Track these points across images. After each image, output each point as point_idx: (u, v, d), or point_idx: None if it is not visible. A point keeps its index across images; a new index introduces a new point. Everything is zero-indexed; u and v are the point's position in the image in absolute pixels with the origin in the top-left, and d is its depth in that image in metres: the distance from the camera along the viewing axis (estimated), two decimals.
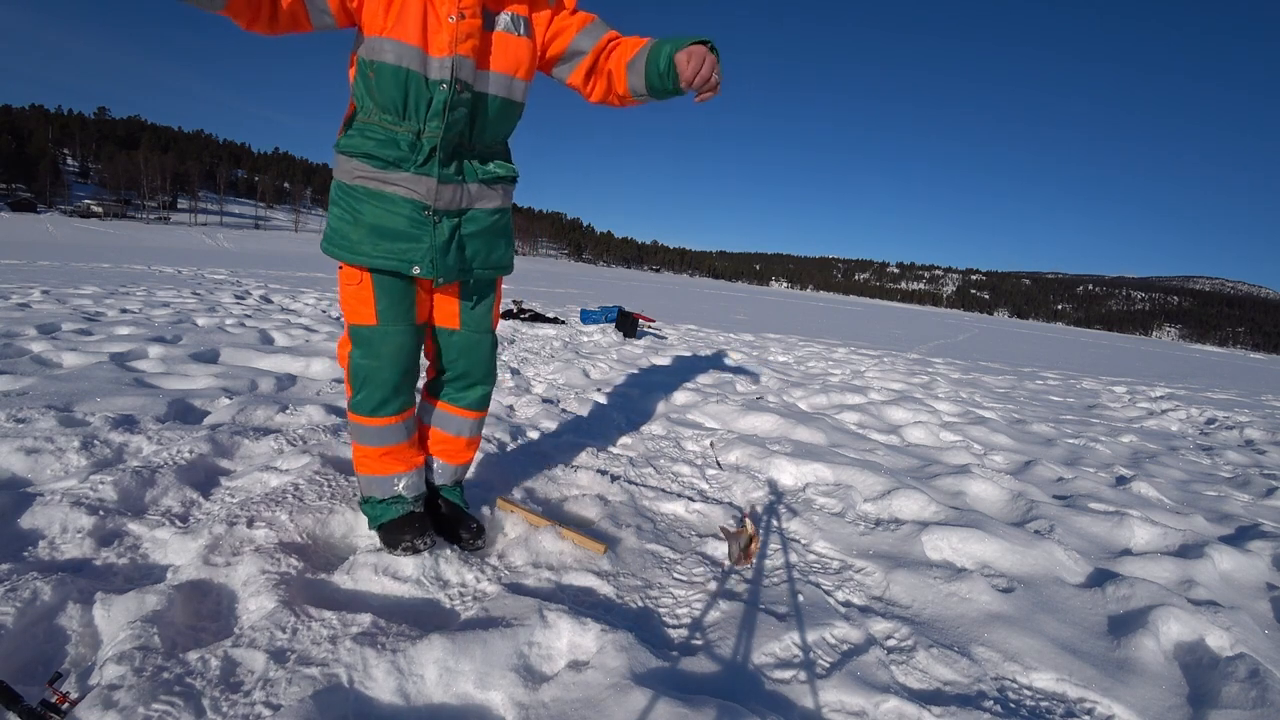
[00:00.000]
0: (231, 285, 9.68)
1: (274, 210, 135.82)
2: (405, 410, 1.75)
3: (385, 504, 1.75)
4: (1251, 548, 2.48)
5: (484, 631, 1.36)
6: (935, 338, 19.01)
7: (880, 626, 1.70)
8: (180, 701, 1.10)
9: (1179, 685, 1.58)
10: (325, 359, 3.96)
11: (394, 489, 1.75)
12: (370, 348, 1.64)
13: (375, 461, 1.74)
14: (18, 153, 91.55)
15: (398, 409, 1.71)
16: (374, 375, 1.65)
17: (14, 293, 6.08)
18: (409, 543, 1.66)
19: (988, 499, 2.85)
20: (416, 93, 1.48)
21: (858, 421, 4.25)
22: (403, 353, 1.66)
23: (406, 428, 1.76)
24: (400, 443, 1.74)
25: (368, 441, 1.72)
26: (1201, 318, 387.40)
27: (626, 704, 1.18)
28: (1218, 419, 6.78)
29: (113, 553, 1.59)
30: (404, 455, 1.76)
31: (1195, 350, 59.67)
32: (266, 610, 1.37)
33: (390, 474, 1.75)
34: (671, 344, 7.65)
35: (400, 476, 1.76)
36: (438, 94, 1.48)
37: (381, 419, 1.69)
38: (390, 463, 1.74)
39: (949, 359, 11.32)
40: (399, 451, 1.75)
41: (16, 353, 3.41)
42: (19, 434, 2.13)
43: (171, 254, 18.64)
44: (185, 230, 57.72)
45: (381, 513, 1.75)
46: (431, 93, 1.48)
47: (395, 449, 1.74)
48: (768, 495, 2.55)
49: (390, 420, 1.71)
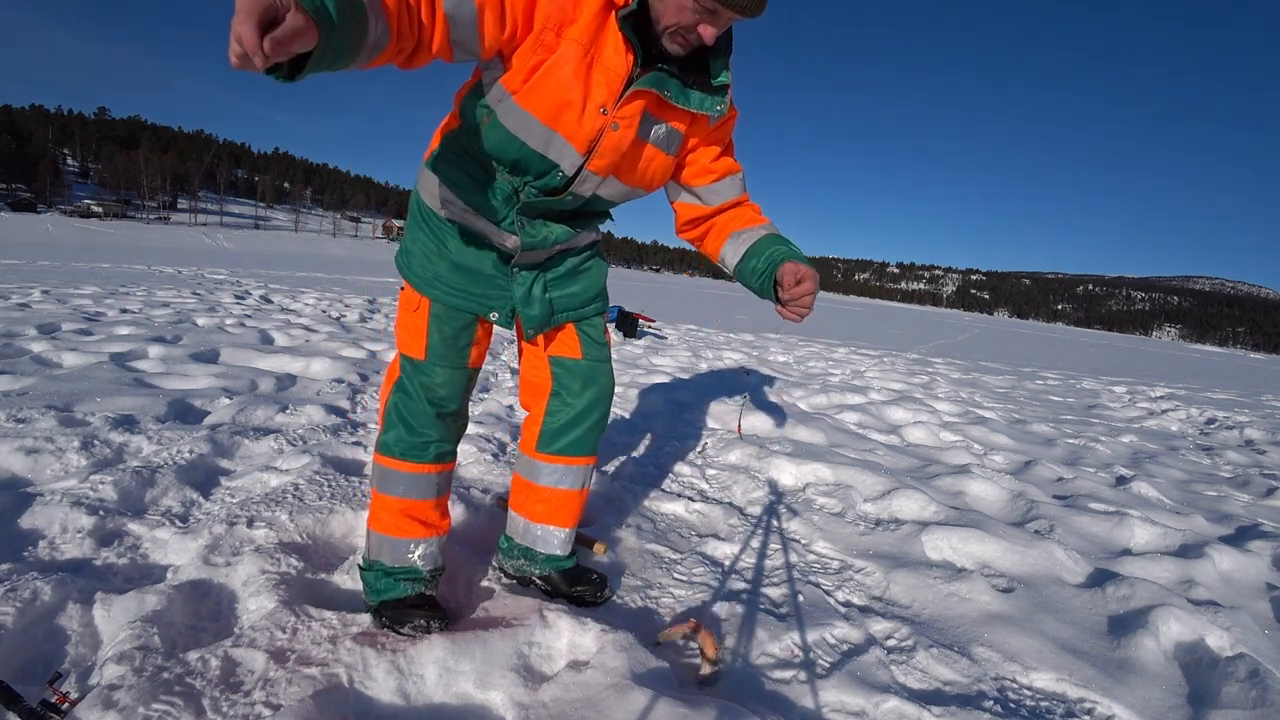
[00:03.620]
0: (231, 285, 9.68)
1: (274, 210, 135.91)
2: (440, 462, 1.52)
3: (393, 577, 1.46)
4: (1251, 548, 2.48)
5: (484, 631, 1.36)
6: (935, 338, 19.01)
7: (880, 626, 1.70)
8: (180, 701, 1.10)
9: (1179, 685, 1.58)
10: (325, 359, 3.97)
11: (408, 557, 1.48)
12: (413, 383, 1.47)
13: (392, 518, 1.48)
14: (18, 153, 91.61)
15: (432, 458, 1.49)
16: (411, 415, 1.47)
17: (14, 293, 6.08)
18: (420, 622, 1.39)
19: (988, 499, 2.85)
20: (527, 161, 1.30)
21: (858, 421, 4.25)
22: (448, 396, 1.48)
23: (437, 484, 1.52)
24: (427, 499, 1.50)
25: (389, 489, 1.48)
26: (1201, 318, 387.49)
27: (626, 704, 1.18)
28: (1218, 419, 6.78)
29: (113, 553, 1.60)
30: (428, 517, 1.51)
31: (1195, 350, 59.67)
32: (266, 610, 1.37)
33: (407, 537, 1.48)
34: (671, 344, 7.65)
35: (418, 543, 1.49)
36: (551, 176, 1.31)
37: (410, 464, 1.47)
38: (409, 524, 1.48)
39: (949, 359, 11.32)
40: (423, 510, 1.50)
41: (16, 353, 3.41)
42: (19, 434, 2.13)
43: (171, 254, 18.65)
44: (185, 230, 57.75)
45: (387, 588, 1.45)
46: (545, 169, 1.30)
47: (419, 506, 1.49)
48: (768, 495, 2.55)
49: (420, 468, 1.48)
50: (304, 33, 0.82)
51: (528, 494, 1.65)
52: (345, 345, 4.59)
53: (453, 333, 1.46)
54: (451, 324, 1.45)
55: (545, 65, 1.19)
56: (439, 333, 1.45)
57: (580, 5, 1.17)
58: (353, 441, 2.56)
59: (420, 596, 1.46)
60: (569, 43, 1.18)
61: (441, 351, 1.46)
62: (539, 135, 1.25)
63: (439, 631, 1.38)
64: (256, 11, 0.77)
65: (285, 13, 0.80)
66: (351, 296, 9.18)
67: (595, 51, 1.20)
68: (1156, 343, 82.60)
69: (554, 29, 1.17)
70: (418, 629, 1.38)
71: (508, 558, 1.69)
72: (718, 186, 1.48)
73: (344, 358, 4.16)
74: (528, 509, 1.65)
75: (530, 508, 1.65)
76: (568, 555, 1.67)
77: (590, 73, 1.21)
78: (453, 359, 1.47)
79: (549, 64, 1.19)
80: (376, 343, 4.97)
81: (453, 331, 1.45)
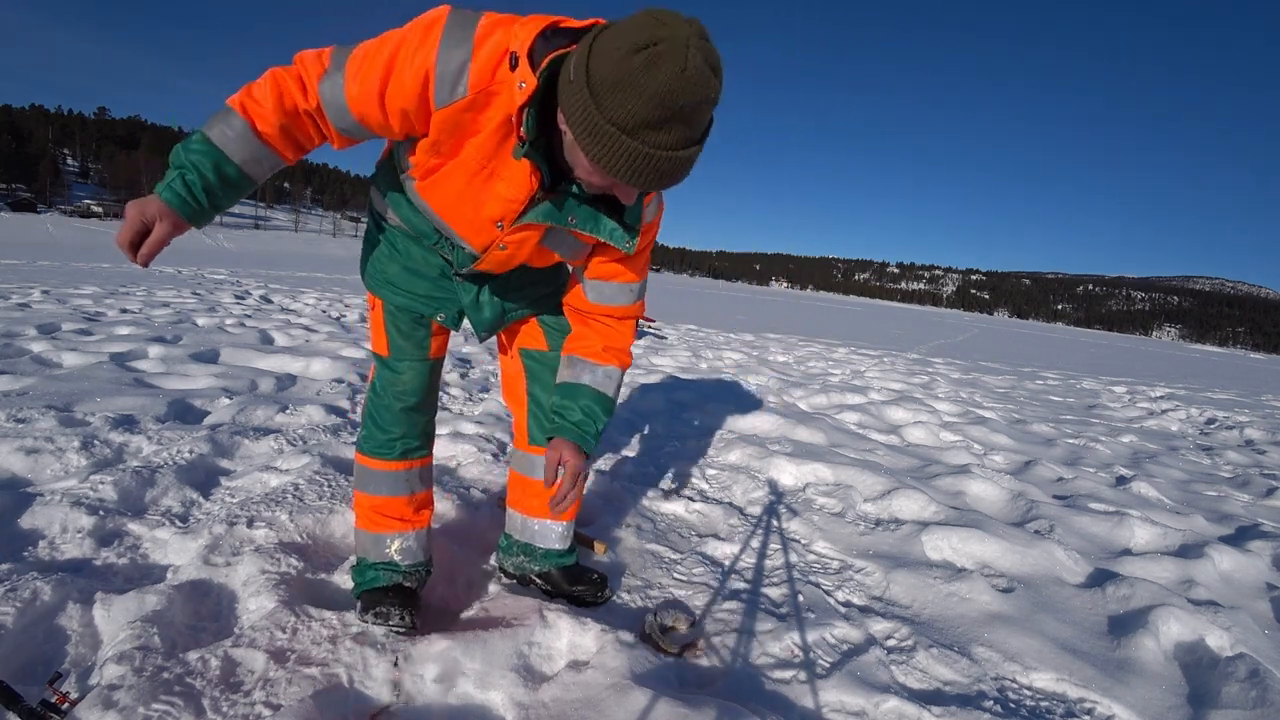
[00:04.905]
0: (231, 285, 9.68)
1: (274, 210, 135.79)
2: (410, 459, 1.53)
3: (375, 569, 1.48)
4: (1251, 548, 2.48)
5: (484, 631, 1.36)
6: (935, 338, 19.01)
7: (880, 626, 1.70)
8: (180, 701, 1.10)
9: (1179, 685, 1.58)
10: (325, 359, 3.97)
11: (385, 551, 1.48)
12: (380, 380, 1.50)
13: (366, 514, 1.51)
14: (18, 153, 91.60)
15: (398, 454, 1.50)
16: (378, 412, 1.50)
17: (14, 293, 6.08)
18: (383, 610, 1.37)
19: (988, 499, 2.85)
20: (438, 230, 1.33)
21: (858, 421, 4.25)
22: (411, 389, 1.49)
23: (408, 480, 1.52)
24: (398, 495, 1.51)
25: (363, 487, 1.52)
26: (1201, 318, 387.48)
27: (626, 704, 1.18)
28: (1218, 419, 6.78)
29: (113, 553, 1.59)
30: (401, 513, 1.51)
31: (1195, 350, 59.66)
32: (266, 610, 1.37)
33: (382, 531, 1.50)
34: (671, 344, 7.65)
35: (393, 537, 1.49)
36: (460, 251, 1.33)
37: (380, 461, 1.50)
38: (382, 519, 1.50)
39: (949, 359, 11.32)
40: (395, 506, 1.51)
41: (16, 353, 3.41)
42: (19, 434, 2.13)
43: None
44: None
45: (370, 579, 1.47)
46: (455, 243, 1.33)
47: (391, 503, 1.50)
48: (768, 495, 2.55)
49: (388, 465, 1.50)
50: (175, 232, 1.05)
51: (523, 489, 1.65)
52: (345, 345, 4.59)
53: (408, 329, 1.47)
54: (405, 321, 1.47)
55: (443, 169, 1.16)
56: (396, 329, 1.47)
57: (481, 119, 1.08)
58: (352, 441, 2.56)
59: (397, 588, 1.45)
60: (471, 150, 1.12)
61: (401, 346, 1.47)
62: (439, 222, 1.27)
63: (400, 621, 1.37)
64: (126, 240, 1.03)
65: (153, 223, 1.03)
66: (351, 296, 9.18)
67: (496, 165, 1.13)
68: (1156, 343, 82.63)
69: (453, 138, 1.11)
70: (379, 616, 1.37)
71: (507, 555, 1.69)
72: (603, 286, 1.40)
73: (344, 358, 4.16)
74: (524, 504, 1.66)
75: (527, 503, 1.65)
76: (567, 550, 1.66)
77: (489, 184, 1.16)
78: (413, 352, 1.48)
79: (446, 169, 1.16)
80: None
81: (408, 328, 1.47)
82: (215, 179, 1.10)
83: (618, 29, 0.92)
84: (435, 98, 1.05)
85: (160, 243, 1.04)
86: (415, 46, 1.04)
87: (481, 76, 1.03)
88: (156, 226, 1.04)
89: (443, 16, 1.05)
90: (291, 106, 1.13)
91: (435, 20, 1.05)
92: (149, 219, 1.03)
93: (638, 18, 0.91)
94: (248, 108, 1.11)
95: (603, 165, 0.97)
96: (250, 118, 1.11)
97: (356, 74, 1.09)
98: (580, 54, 0.94)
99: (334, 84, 1.11)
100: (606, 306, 1.42)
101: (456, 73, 1.03)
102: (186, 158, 1.09)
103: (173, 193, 1.06)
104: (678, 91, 0.88)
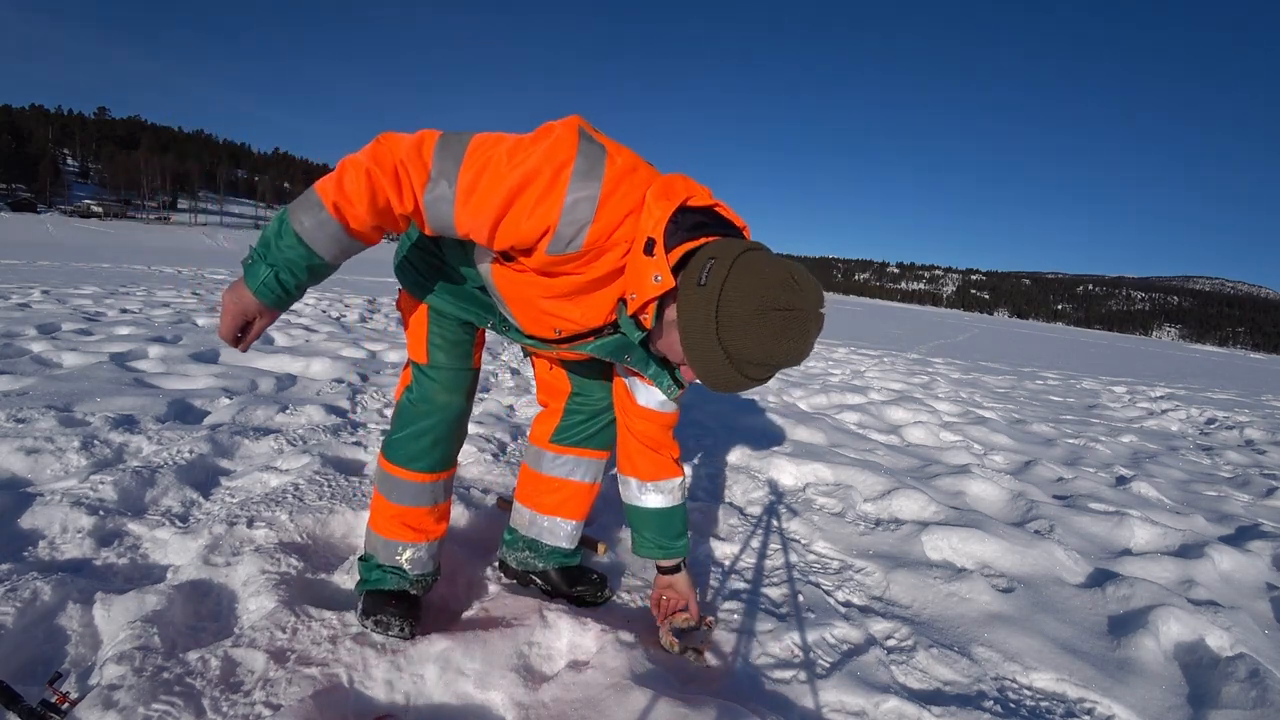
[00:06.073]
0: None
1: (274, 210, 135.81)
2: (438, 470, 1.48)
3: (382, 570, 1.46)
4: (1251, 548, 2.48)
5: (484, 631, 1.36)
6: (935, 338, 19.01)
7: (880, 626, 1.70)
8: (180, 701, 1.10)
9: (1179, 685, 1.58)
10: (325, 359, 3.97)
11: (396, 557, 1.46)
12: (419, 389, 1.44)
13: (387, 521, 1.46)
14: (18, 153, 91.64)
15: (428, 466, 1.45)
16: (413, 421, 1.43)
17: (14, 293, 6.08)
18: (383, 618, 1.35)
19: (988, 499, 2.85)
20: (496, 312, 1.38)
21: (858, 421, 4.25)
22: (451, 400, 1.44)
23: (433, 492, 1.48)
24: (421, 506, 1.47)
25: (386, 494, 1.47)
26: (1201, 318, 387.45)
27: (626, 704, 1.18)
28: (1218, 419, 6.78)
29: (113, 553, 1.59)
30: (422, 524, 1.48)
31: (1195, 350, 59.66)
32: (266, 610, 1.37)
33: (399, 540, 1.46)
34: None
35: (408, 546, 1.46)
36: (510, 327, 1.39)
37: (409, 472, 1.45)
38: (402, 529, 1.46)
39: (949, 359, 11.32)
40: (417, 517, 1.47)
41: (16, 353, 3.41)
42: (19, 434, 2.13)
43: (171, 254, 18.65)
44: (185, 230, 57.69)
45: (377, 578, 1.44)
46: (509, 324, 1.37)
47: (414, 513, 1.46)
48: (768, 495, 2.55)
49: (418, 477, 1.45)
50: (272, 322, 1.17)
51: (536, 485, 1.66)
52: (345, 345, 4.59)
53: (454, 335, 1.44)
54: (451, 327, 1.43)
55: (526, 275, 1.15)
56: (440, 335, 1.43)
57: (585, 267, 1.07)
58: (353, 441, 2.56)
59: (402, 594, 1.43)
60: (563, 280, 1.11)
61: (445, 352, 1.44)
62: (497, 297, 1.29)
63: (400, 632, 1.35)
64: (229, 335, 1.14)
65: (254, 319, 1.14)
66: (351, 296, 9.18)
67: (585, 291, 1.14)
68: (1156, 343, 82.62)
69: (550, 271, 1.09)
70: (380, 625, 1.35)
71: (511, 550, 1.69)
72: (655, 391, 1.45)
73: (344, 358, 4.16)
74: (535, 500, 1.66)
75: (538, 499, 1.65)
76: (573, 550, 1.67)
77: (565, 301, 1.16)
78: (456, 360, 1.45)
79: (529, 276, 1.15)
80: (376, 343, 4.97)
81: (453, 334, 1.44)
82: (306, 275, 1.13)
83: (758, 275, 0.96)
84: (549, 248, 1.03)
85: (259, 333, 1.17)
86: (540, 194, 1.00)
87: (599, 238, 1.02)
88: (257, 322, 1.14)
89: (571, 159, 1.00)
90: (385, 206, 1.09)
91: (564, 164, 1.00)
92: (249, 315, 1.13)
93: (779, 272, 0.96)
94: (341, 208, 1.08)
95: (697, 372, 1.03)
96: (344, 219, 1.09)
97: (468, 201, 1.05)
98: (716, 279, 0.97)
99: (441, 199, 1.07)
100: (654, 411, 1.48)
101: (575, 233, 1.01)
102: (279, 255, 1.09)
103: (269, 291, 1.11)
104: (793, 356, 0.98)
